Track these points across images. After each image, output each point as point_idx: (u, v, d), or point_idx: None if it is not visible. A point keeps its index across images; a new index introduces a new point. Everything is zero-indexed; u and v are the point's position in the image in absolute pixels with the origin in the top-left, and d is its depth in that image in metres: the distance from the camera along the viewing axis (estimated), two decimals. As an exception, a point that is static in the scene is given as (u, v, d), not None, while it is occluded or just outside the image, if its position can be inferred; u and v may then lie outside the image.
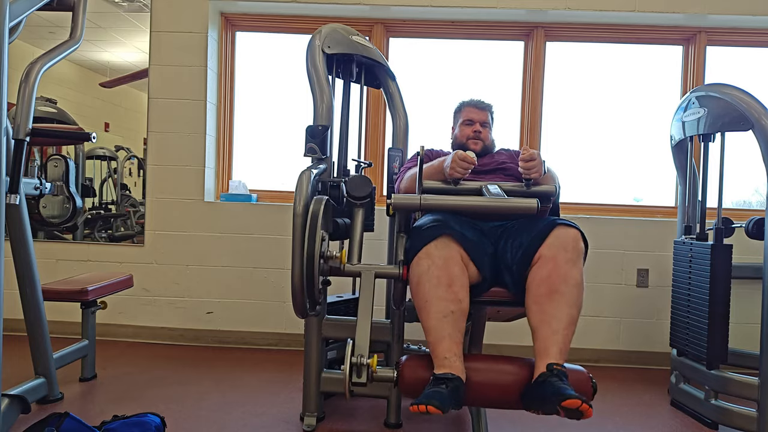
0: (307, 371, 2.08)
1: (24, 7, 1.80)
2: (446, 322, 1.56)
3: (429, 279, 1.59)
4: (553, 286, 1.58)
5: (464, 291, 1.60)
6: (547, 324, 1.55)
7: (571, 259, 1.61)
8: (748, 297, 2.66)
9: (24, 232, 2.00)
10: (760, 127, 2.02)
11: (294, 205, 1.59)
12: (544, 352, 1.53)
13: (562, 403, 1.35)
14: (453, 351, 1.53)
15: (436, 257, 1.61)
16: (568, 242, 1.62)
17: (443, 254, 1.61)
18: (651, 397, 2.56)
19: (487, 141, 2.21)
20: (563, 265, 1.59)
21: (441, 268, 1.60)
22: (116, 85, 3.26)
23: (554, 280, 1.58)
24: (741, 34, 3.21)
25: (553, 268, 1.59)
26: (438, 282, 1.58)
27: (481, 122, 2.22)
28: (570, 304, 1.58)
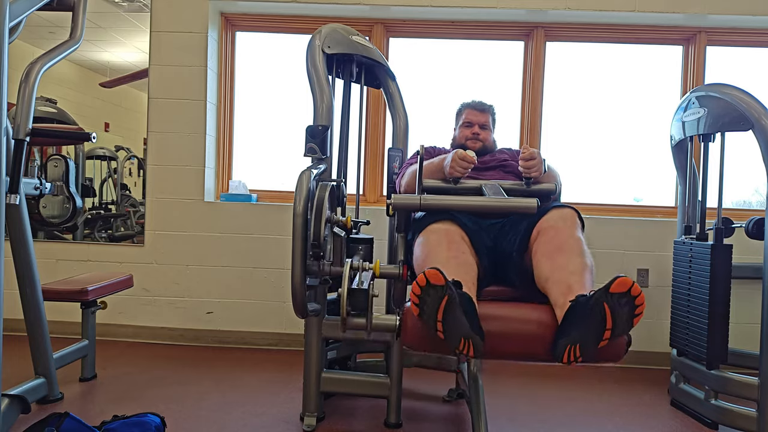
0: (307, 371, 2.08)
1: (24, 7, 1.80)
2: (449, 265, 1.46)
3: (429, 243, 1.60)
4: (559, 243, 1.54)
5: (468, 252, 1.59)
6: (562, 269, 1.45)
7: (570, 225, 1.60)
8: (748, 297, 2.66)
9: (24, 232, 2.00)
10: (760, 127, 2.02)
11: (294, 205, 1.59)
12: (567, 291, 1.38)
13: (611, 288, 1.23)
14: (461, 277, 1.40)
15: (438, 229, 1.62)
16: (566, 216, 1.63)
17: (445, 227, 1.63)
18: (651, 397, 2.56)
19: (486, 142, 2.21)
20: (565, 229, 1.58)
21: (442, 235, 1.61)
22: (116, 85, 3.26)
23: (560, 239, 1.55)
24: (741, 34, 3.21)
25: (555, 233, 1.57)
26: (439, 242, 1.59)
27: (480, 124, 2.22)
28: (582, 255, 1.50)
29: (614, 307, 1.23)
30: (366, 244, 1.88)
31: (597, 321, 1.24)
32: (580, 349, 1.25)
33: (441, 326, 1.26)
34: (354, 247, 1.88)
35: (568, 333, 1.27)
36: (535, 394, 2.52)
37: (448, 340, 1.26)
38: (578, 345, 1.26)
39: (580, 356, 1.26)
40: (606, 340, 1.25)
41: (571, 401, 2.45)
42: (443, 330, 1.26)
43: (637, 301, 1.23)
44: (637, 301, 1.23)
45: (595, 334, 1.25)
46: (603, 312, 1.24)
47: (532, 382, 2.69)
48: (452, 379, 2.51)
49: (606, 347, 1.28)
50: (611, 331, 1.24)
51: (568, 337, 1.27)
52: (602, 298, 1.24)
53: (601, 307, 1.24)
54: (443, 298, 1.25)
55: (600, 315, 1.24)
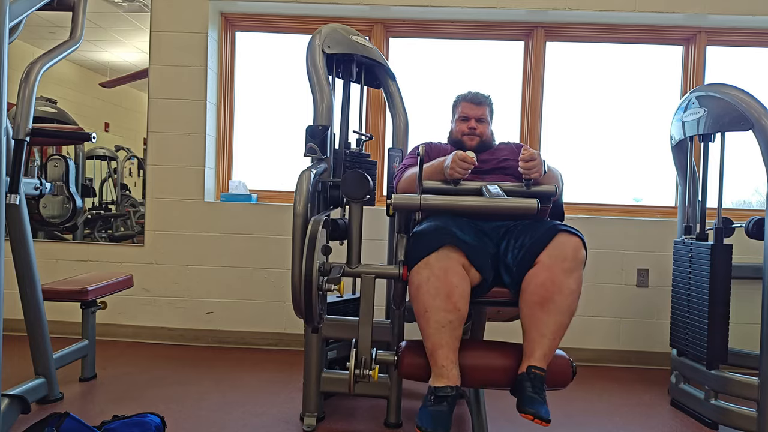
0: (307, 371, 2.08)
1: (24, 7, 1.80)
2: (444, 332, 1.60)
3: (428, 289, 1.61)
4: (546, 295, 1.61)
5: (463, 300, 1.62)
6: (536, 329, 1.62)
7: (569, 268, 1.61)
8: (748, 297, 2.66)
9: (24, 232, 2.00)
10: (760, 127, 2.02)
11: (294, 205, 1.59)
12: (529, 354, 1.61)
13: (521, 414, 1.51)
14: (450, 359, 1.60)
15: (435, 268, 1.61)
16: (568, 251, 1.62)
17: (443, 265, 1.61)
18: (651, 397, 2.56)
19: (484, 136, 2.16)
20: (560, 274, 1.61)
21: (440, 278, 1.60)
22: (116, 85, 3.26)
23: (549, 289, 1.61)
24: (741, 34, 3.21)
25: (548, 277, 1.61)
26: (437, 292, 1.60)
27: (477, 118, 2.16)
28: (562, 312, 1.62)
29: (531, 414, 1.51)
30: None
31: None
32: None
33: None
34: None
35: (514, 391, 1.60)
36: (535, 394, 2.52)
37: None
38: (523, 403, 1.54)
39: None
40: None
41: (571, 401, 2.45)
42: None
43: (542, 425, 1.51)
44: None
45: None
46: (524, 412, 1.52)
47: (532, 382, 2.69)
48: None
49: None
50: None
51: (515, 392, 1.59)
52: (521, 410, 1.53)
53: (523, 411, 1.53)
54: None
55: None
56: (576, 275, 1.63)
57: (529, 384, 1.54)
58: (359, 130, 2.33)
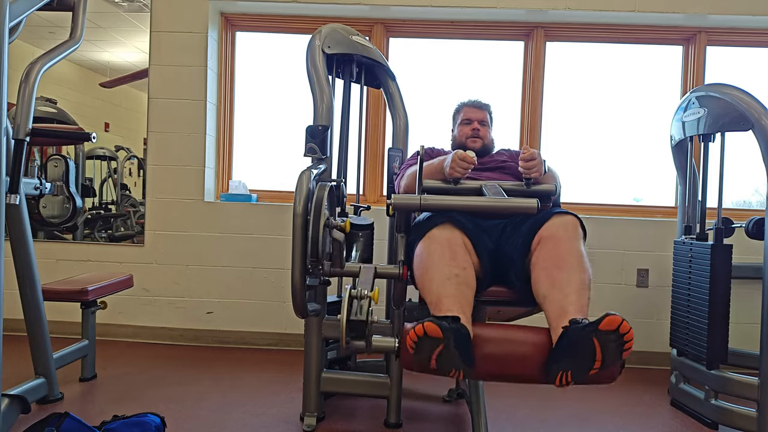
0: (307, 371, 2.08)
1: (24, 7, 1.80)
2: (450, 284, 1.50)
3: (431, 253, 1.58)
4: (559, 257, 1.55)
5: (468, 263, 1.58)
6: (559, 288, 1.47)
7: (571, 235, 1.60)
8: (748, 297, 2.66)
9: (24, 232, 2.00)
10: (760, 127, 2.02)
11: (294, 205, 1.59)
12: (561, 313, 1.40)
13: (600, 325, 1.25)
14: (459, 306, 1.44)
15: (438, 237, 1.61)
16: (568, 224, 1.63)
17: (446, 235, 1.61)
18: (651, 397, 2.56)
19: (486, 140, 2.23)
20: (566, 240, 1.58)
21: (444, 244, 1.59)
22: (116, 85, 3.26)
23: (560, 251, 1.55)
24: (741, 34, 3.21)
25: (555, 244, 1.58)
26: (441, 254, 1.57)
27: (480, 120, 2.23)
28: (580, 270, 1.52)
29: (604, 343, 1.26)
30: (366, 230, 1.86)
31: (587, 354, 1.27)
32: (571, 375, 1.29)
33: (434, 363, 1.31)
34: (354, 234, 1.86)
35: (559, 360, 1.31)
36: (535, 394, 2.52)
37: (439, 371, 1.31)
38: (569, 372, 1.29)
39: (571, 381, 1.30)
40: (596, 370, 1.28)
41: (571, 401, 2.45)
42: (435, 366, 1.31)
43: (626, 337, 1.26)
44: (626, 338, 1.26)
45: (585, 365, 1.28)
46: (593, 347, 1.27)
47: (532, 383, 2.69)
48: (452, 379, 2.51)
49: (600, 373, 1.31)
50: (601, 363, 1.27)
51: (559, 363, 1.31)
52: (592, 333, 1.27)
53: (591, 343, 1.27)
54: (438, 347, 1.30)
55: (590, 349, 1.27)
56: (580, 241, 1.61)
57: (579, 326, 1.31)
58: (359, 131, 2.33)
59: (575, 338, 1.29)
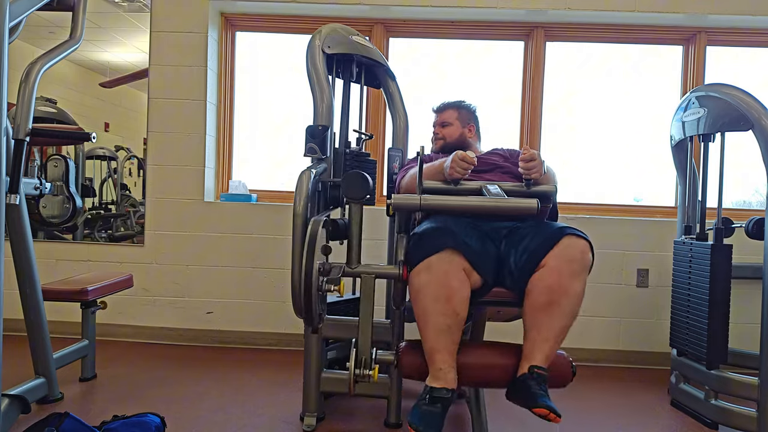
0: (307, 371, 2.08)
1: (24, 7, 1.80)
2: (442, 336, 1.59)
3: (427, 293, 1.60)
4: (552, 298, 1.59)
5: (463, 305, 1.61)
6: (538, 330, 1.61)
7: (575, 271, 1.60)
8: (748, 297, 2.66)
9: (24, 232, 2.00)
10: (760, 127, 2.02)
11: (294, 205, 1.59)
12: (529, 355, 1.59)
13: (533, 409, 1.48)
14: (447, 362, 1.60)
15: (436, 271, 1.59)
16: (576, 254, 1.61)
17: (443, 268, 1.60)
18: (651, 397, 2.56)
19: (450, 138, 2.27)
20: (567, 277, 1.59)
21: (440, 282, 1.59)
22: (116, 85, 3.26)
23: (555, 292, 1.59)
24: (741, 34, 3.21)
25: (555, 281, 1.59)
26: (436, 297, 1.59)
27: (440, 123, 2.30)
28: (566, 316, 1.61)
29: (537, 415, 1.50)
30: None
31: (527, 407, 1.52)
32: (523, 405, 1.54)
33: None
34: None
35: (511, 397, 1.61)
36: (535, 394, 2.52)
37: None
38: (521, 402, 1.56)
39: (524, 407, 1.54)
40: None
41: (571, 401, 2.45)
42: None
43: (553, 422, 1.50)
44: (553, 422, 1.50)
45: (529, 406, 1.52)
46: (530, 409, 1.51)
47: (532, 382, 2.69)
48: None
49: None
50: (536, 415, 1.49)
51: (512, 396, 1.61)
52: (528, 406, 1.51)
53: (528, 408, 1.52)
54: None
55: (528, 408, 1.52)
56: (582, 278, 1.63)
57: (534, 382, 1.53)
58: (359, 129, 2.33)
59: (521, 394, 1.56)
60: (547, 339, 1.59)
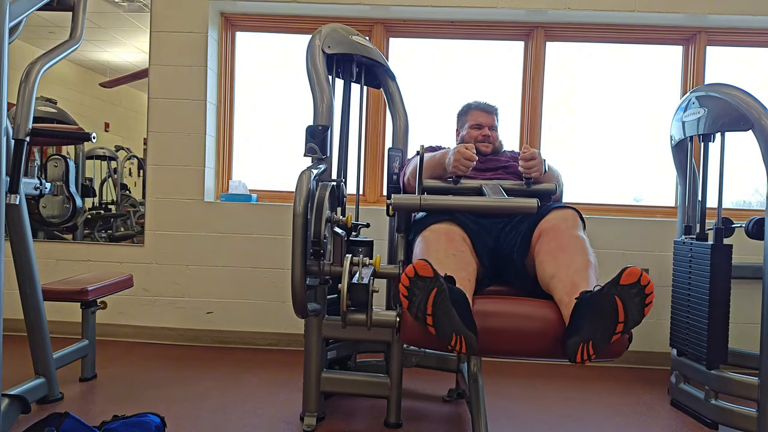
0: (307, 371, 2.08)
1: (24, 7, 1.80)
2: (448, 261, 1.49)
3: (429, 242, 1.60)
4: (562, 243, 1.53)
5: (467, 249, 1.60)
6: (566, 267, 1.44)
7: (571, 226, 1.61)
8: (748, 297, 2.66)
9: (24, 232, 2.00)
10: (760, 127, 2.02)
11: (294, 205, 1.59)
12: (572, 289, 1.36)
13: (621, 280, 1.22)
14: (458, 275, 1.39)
15: (437, 229, 1.63)
16: (567, 216, 1.64)
17: (445, 228, 1.64)
18: (651, 397, 2.56)
19: (495, 144, 2.25)
20: (566, 229, 1.58)
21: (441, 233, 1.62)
22: (116, 85, 3.26)
23: (562, 239, 1.54)
24: (741, 34, 3.21)
25: (556, 234, 1.57)
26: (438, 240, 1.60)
27: (489, 126, 2.24)
28: (583, 252, 1.49)
29: (625, 298, 1.22)
30: (366, 246, 1.88)
31: (609, 315, 1.22)
32: (593, 347, 1.23)
33: (431, 320, 1.24)
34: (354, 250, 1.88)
35: (579, 331, 1.24)
36: (536, 394, 2.52)
37: (439, 336, 1.24)
38: (591, 342, 1.23)
39: (593, 353, 1.23)
40: (619, 333, 1.23)
41: (571, 401, 2.45)
42: (434, 325, 1.24)
43: (647, 290, 1.22)
44: (647, 290, 1.22)
45: (608, 329, 1.22)
46: (614, 305, 1.22)
47: (533, 382, 2.69)
48: (452, 379, 2.51)
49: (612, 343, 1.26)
50: (624, 324, 1.22)
51: (578, 335, 1.24)
52: (613, 291, 1.22)
53: (612, 301, 1.22)
54: (432, 291, 1.23)
55: (612, 308, 1.22)
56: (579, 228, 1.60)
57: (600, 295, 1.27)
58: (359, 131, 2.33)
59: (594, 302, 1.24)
60: (580, 270, 1.42)
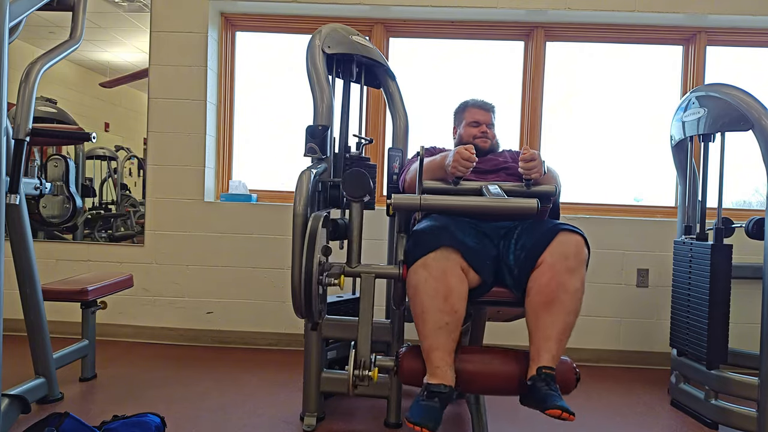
0: (307, 371, 2.08)
1: (24, 7, 1.80)
2: (441, 333, 1.60)
3: (426, 290, 1.60)
4: (551, 295, 1.60)
5: (460, 302, 1.62)
6: (542, 331, 1.61)
7: (571, 267, 1.61)
8: (748, 297, 2.66)
9: (24, 232, 2.00)
10: (760, 127, 2.02)
11: (294, 205, 1.59)
12: (536, 356, 1.60)
13: (546, 411, 1.46)
14: (445, 360, 1.59)
15: (433, 268, 1.60)
16: (570, 249, 1.62)
17: (441, 266, 1.60)
18: (651, 397, 2.56)
19: (493, 141, 2.24)
20: (563, 273, 1.60)
21: (438, 279, 1.60)
22: (116, 85, 3.26)
23: (553, 289, 1.60)
24: (741, 34, 3.21)
25: (552, 277, 1.61)
26: (435, 293, 1.59)
27: (487, 123, 2.23)
28: (567, 312, 1.61)
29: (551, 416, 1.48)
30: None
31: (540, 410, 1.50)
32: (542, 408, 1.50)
33: None
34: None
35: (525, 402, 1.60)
36: (535, 394, 2.52)
37: None
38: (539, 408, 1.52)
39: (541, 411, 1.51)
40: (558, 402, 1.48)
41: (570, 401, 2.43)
42: None
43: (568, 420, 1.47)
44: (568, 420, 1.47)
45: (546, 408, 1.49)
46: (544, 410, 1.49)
47: (532, 382, 2.69)
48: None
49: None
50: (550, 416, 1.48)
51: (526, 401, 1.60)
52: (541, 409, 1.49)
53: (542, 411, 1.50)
54: None
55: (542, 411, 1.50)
56: (579, 274, 1.63)
57: (544, 384, 1.53)
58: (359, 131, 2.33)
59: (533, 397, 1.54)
60: (550, 338, 1.59)
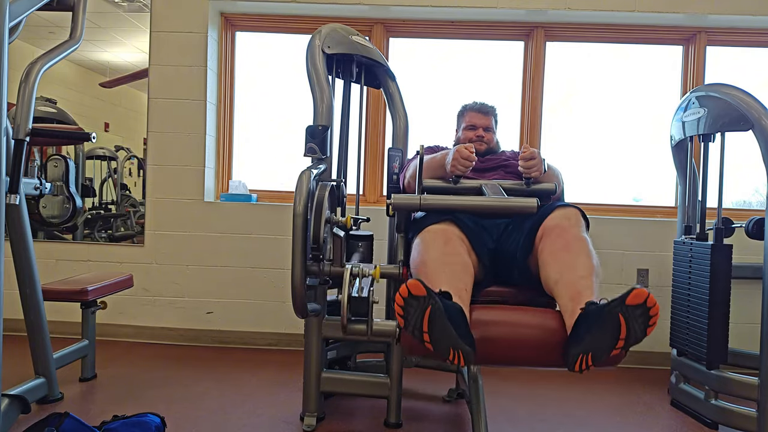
0: (307, 371, 2.08)
1: (24, 7, 1.80)
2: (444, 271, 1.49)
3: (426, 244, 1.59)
4: (566, 243, 1.53)
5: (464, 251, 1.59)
6: (572, 270, 1.45)
7: (575, 224, 1.60)
8: (748, 297, 2.66)
9: (24, 232, 2.00)
10: (760, 127, 2.02)
11: (294, 205, 1.59)
12: (576, 296, 1.38)
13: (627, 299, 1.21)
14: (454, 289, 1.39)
15: (434, 229, 1.61)
16: (570, 215, 1.63)
17: (443, 228, 1.62)
18: (651, 397, 2.56)
19: (491, 143, 2.24)
20: (570, 228, 1.58)
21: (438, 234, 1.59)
22: (116, 85, 3.26)
23: (566, 238, 1.54)
24: (741, 34, 3.21)
25: (560, 233, 1.56)
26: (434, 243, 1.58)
27: (484, 127, 2.23)
28: (589, 256, 1.50)
29: (629, 318, 1.22)
30: (366, 240, 1.88)
31: (611, 331, 1.23)
32: (592, 358, 1.24)
33: (428, 337, 1.25)
34: (354, 245, 1.88)
35: (581, 342, 1.25)
36: (535, 394, 2.52)
37: (436, 351, 1.26)
38: (590, 354, 1.25)
39: (591, 364, 1.25)
40: (618, 349, 1.24)
41: (570, 401, 2.45)
42: (431, 342, 1.26)
43: (651, 311, 1.22)
44: (651, 312, 1.22)
45: (609, 344, 1.24)
46: (618, 323, 1.22)
47: (532, 382, 2.69)
48: (452, 379, 2.51)
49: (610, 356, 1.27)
50: (624, 341, 1.23)
51: (580, 346, 1.25)
52: (618, 309, 1.23)
53: (616, 318, 1.22)
54: (426, 309, 1.25)
55: (615, 326, 1.23)
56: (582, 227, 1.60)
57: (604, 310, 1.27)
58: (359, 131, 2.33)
59: (598, 316, 1.25)
60: (584, 276, 1.43)
